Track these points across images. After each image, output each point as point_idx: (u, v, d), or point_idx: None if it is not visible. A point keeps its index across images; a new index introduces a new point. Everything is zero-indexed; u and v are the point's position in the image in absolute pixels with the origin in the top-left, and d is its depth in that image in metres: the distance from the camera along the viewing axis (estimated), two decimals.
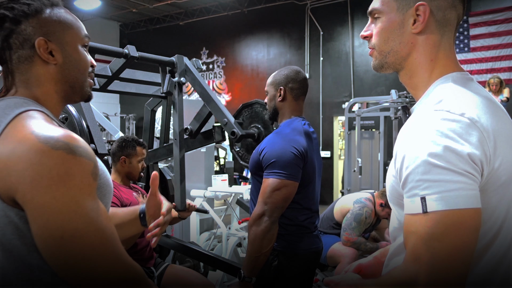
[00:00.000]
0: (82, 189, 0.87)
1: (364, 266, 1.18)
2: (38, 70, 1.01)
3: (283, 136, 1.97)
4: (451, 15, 0.98)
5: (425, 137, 0.86)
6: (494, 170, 0.86)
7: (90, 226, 0.87)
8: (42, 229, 0.85)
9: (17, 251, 0.90)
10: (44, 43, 0.99)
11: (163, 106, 3.14)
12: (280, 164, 1.89)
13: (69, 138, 0.88)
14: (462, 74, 0.99)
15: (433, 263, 0.82)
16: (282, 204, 1.89)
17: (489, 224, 0.89)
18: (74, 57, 1.05)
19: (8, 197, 0.87)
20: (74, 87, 1.06)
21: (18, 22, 0.98)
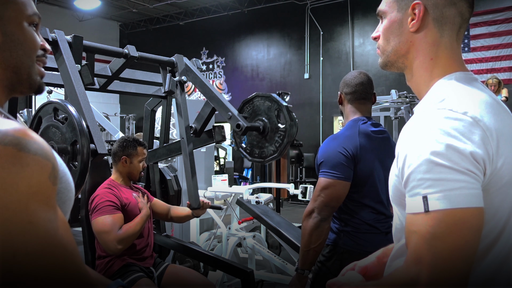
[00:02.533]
0: (37, 195, 0.71)
1: (368, 268, 1.17)
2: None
3: (335, 138, 2.06)
4: (450, 13, 0.97)
5: (428, 136, 0.85)
6: (497, 170, 0.86)
7: (48, 242, 0.71)
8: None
9: None
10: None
11: (163, 106, 3.14)
12: (328, 164, 1.96)
13: (21, 132, 0.71)
14: (466, 73, 0.98)
15: (435, 262, 0.81)
16: (331, 203, 1.95)
17: (491, 224, 0.88)
18: (17, 36, 0.87)
19: None
20: (19, 73, 0.88)
21: None
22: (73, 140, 1.88)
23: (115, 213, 2.44)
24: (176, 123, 5.58)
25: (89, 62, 2.39)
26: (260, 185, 5.82)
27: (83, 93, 2.13)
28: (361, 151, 2.00)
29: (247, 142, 2.67)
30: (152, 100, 3.19)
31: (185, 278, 2.71)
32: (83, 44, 2.34)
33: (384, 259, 1.16)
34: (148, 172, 3.08)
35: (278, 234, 3.83)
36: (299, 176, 10.13)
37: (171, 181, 3.14)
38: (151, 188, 3.09)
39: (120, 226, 2.42)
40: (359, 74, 2.15)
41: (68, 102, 1.98)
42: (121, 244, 2.38)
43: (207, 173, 5.24)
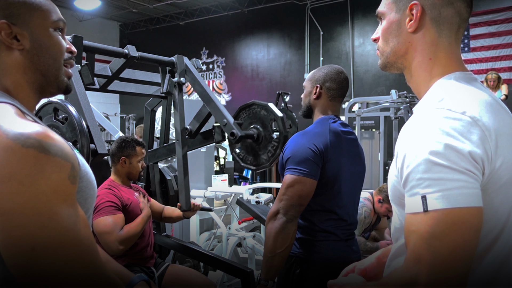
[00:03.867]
0: (57, 193, 0.77)
1: (368, 269, 1.17)
2: (3, 58, 0.91)
3: (305, 134, 1.91)
4: (447, 13, 0.97)
5: (426, 136, 0.85)
6: (496, 170, 0.86)
7: (65, 236, 0.77)
8: (10, 239, 0.74)
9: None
10: (7, 26, 0.89)
11: (163, 106, 3.13)
12: (296, 160, 1.81)
13: (43, 135, 0.78)
14: (465, 73, 0.98)
15: (434, 262, 0.81)
16: (297, 202, 1.79)
17: (491, 224, 0.88)
18: (44, 42, 0.93)
19: None
20: (47, 76, 0.95)
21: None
22: (73, 140, 1.88)
23: (116, 214, 2.44)
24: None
25: (89, 62, 2.39)
26: (260, 185, 5.82)
27: (83, 93, 2.13)
28: (330, 149, 1.85)
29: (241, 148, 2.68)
30: (152, 100, 3.19)
31: (186, 278, 2.72)
32: (83, 44, 2.33)
33: (383, 259, 1.16)
34: (148, 172, 3.08)
35: None
36: None
37: (171, 181, 3.14)
38: (151, 188, 3.09)
39: (122, 227, 2.42)
40: (341, 70, 2.02)
41: (68, 102, 1.98)
42: (123, 245, 2.39)
43: (207, 173, 5.24)
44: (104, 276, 0.82)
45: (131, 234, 2.42)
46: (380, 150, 6.44)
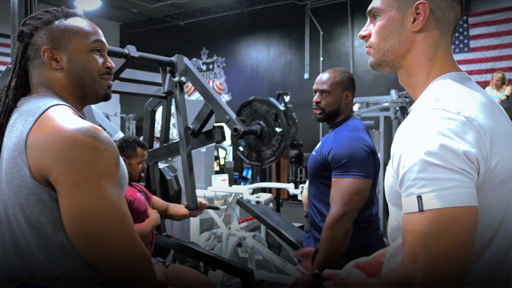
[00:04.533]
0: (108, 173, 0.99)
1: (361, 264, 1.18)
2: (48, 75, 1.13)
3: (349, 135, 1.95)
4: (450, 15, 0.99)
5: (421, 136, 0.86)
6: (491, 169, 0.86)
7: (113, 208, 0.99)
8: (73, 206, 0.96)
9: (43, 228, 1.00)
10: (49, 51, 1.12)
11: (163, 106, 3.14)
12: (355, 163, 1.87)
13: (96, 128, 1.01)
14: (460, 74, 0.99)
15: (429, 262, 0.82)
16: (360, 204, 1.88)
17: (487, 223, 0.88)
18: (80, 61, 1.14)
19: (41, 176, 0.98)
20: (85, 89, 1.16)
21: (31, 36, 1.13)
22: None
23: None
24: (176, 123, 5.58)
25: None
26: (260, 185, 5.82)
27: None
28: (372, 145, 1.98)
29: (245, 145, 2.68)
30: (152, 100, 3.19)
31: (186, 278, 2.72)
32: None
33: (380, 258, 1.16)
34: (148, 172, 3.08)
35: (278, 234, 3.84)
36: (299, 176, 10.13)
37: (171, 181, 3.15)
38: (151, 188, 3.09)
39: None
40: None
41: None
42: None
43: (207, 173, 5.24)
44: (139, 245, 1.02)
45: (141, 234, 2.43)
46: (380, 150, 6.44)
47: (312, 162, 2.04)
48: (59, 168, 0.96)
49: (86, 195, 0.96)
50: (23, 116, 1.06)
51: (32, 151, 0.99)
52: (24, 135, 1.01)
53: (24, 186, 1.00)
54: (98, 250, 0.98)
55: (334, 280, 1.03)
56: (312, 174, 2.04)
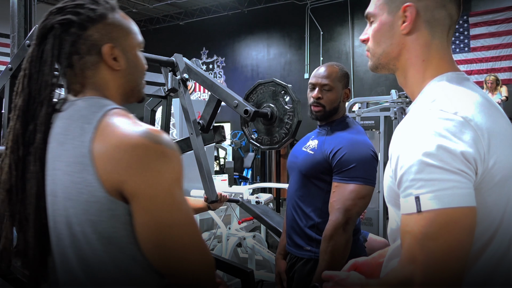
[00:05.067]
0: (179, 180, 0.94)
1: (359, 264, 1.18)
2: (104, 75, 1.03)
3: (356, 138, 1.84)
4: (440, 15, 0.98)
5: (419, 136, 0.86)
6: (489, 169, 0.86)
7: (188, 217, 0.95)
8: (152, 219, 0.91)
9: (116, 243, 0.94)
10: (110, 49, 1.01)
11: (163, 106, 3.14)
12: (363, 168, 1.76)
13: (159, 132, 0.94)
14: (458, 74, 0.99)
15: (428, 263, 0.82)
16: (361, 211, 1.78)
17: (485, 224, 0.88)
18: (135, 62, 1.07)
19: (114, 190, 0.91)
20: (134, 90, 1.10)
21: (84, 28, 0.99)
22: None
23: None
24: (176, 123, 5.58)
25: None
26: (260, 185, 5.82)
27: None
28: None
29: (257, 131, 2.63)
30: (152, 100, 3.19)
31: None
32: None
33: (379, 259, 1.16)
34: None
35: (278, 234, 3.83)
36: None
37: None
38: None
39: None
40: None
41: None
42: None
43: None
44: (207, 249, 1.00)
45: None
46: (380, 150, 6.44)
47: (308, 162, 1.89)
48: (134, 180, 0.89)
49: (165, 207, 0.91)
50: (76, 122, 0.96)
51: (101, 164, 0.91)
52: (86, 146, 0.92)
53: (95, 202, 0.91)
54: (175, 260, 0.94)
55: (334, 281, 1.04)
56: (306, 175, 1.89)
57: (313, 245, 1.86)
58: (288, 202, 2.00)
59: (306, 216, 1.89)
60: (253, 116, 2.44)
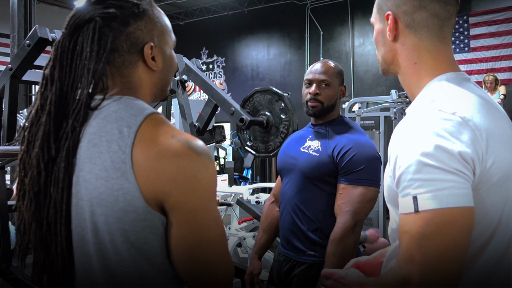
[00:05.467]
0: (215, 193, 0.93)
1: (361, 263, 1.18)
2: (140, 75, 0.97)
3: (362, 139, 1.81)
4: (421, 17, 0.98)
5: (417, 136, 0.86)
6: (487, 169, 0.86)
7: (222, 231, 0.93)
8: (191, 233, 0.88)
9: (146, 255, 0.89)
10: (151, 49, 0.96)
11: (162, 106, 3.14)
12: (371, 170, 1.74)
13: (197, 140, 0.91)
14: (457, 74, 0.99)
15: (425, 262, 0.82)
16: (368, 213, 1.75)
17: (483, 224, 0.88)
18: (170, 62, 1.03)
19: (155, 201, 0.87)
20: (164, 90, 1.06)
21: (127, 24, 0.93)
22: None
23: None
24: (176, 123, 5.58)
25: None
26: (260, 185, 5.82)
27: None
28: None
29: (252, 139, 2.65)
30: None
31: None
32: None
33: (380, 258, 1.16)
34: None
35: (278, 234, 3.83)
36: None
37: None
38: None
39: None
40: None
41: None
42: None
43: None
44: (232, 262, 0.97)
45: None
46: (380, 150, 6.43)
47: (313, 164, 1.82)
48: (177, 192, 0.86)
49: (205, 221, 0.89)
50: (113, 124, 0.90)
51: (142, 172, 0.86)
52: (126, 152, 0.86)
53: (132, 211, 0.86)
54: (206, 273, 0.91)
55: (333, 279, 1.04)
56: (310, 177, 1.83)
57: (316, 250, 1.82)
58: (285, 205, 1.93)
59: (309, 219, 1.84)
60: (249, 125, 2.46)
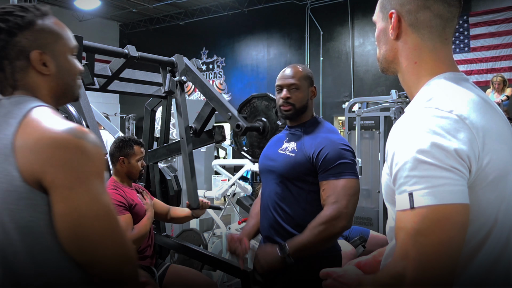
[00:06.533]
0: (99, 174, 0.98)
1: (362, 264, 1.19)
2: (33, 79, 1.07)
3: (334, 137, 1.90)
4: (425, 17, 0.99)
5: (414, 134, 0.87)
6: (483, 167, 0.87)
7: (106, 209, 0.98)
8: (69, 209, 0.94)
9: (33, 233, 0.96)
10: (38, 55, 1.05)
11: (163, 106, 3.14)
12: (351, 163, 1.84)
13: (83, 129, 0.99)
14: (455, 74, 1.00)
15: (420, 258, 0.83)
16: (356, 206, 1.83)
17: (480, 222, 0.89)
18: (65, 67, 1.11)
19: (33, 180, 0.94)
20: (67, 93, 1.14)
21: (13, 34, 1.04)
22: None
23: (125, 214, 2.43)
24: (176, 123, 5.58)
25: (89, 62, 2.39)
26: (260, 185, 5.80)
27: (83, 93, 2.14)
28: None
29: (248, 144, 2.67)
30: (152, 100, 3.20)
31: (187, 278, 2.72)
32: (83, 44, 2.34)
33: (379, 257, 1.17)
34: (148, 172, 3.08)
35: None
36: None
37: (171, 181, 3.15)
38: (151, 188, 3.09)
39: (132, 227, 2.43)
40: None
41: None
42: (135, 244, 2.40)
43: (207, 173, 5.24)
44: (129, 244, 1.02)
45: (142, 234, 2.45)
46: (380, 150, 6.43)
47: (290, 164, 1.90)
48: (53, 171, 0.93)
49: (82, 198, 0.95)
50: (2, 118, 1.01)
51: (22, 155, 0.95)
52: (9, 138, 0.97)
53: (13, 191, 0.96)
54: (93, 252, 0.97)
55: (332, 278, 1.05)
56: (288, 177, 1.90)
57: None
58: (265, 203, 2.00)
59: (290, 216, 1.91)
60: (245, 131, 2.47)
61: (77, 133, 0.97)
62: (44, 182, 0.94)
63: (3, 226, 0.98)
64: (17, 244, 0.97)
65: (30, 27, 1.05)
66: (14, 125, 0.98)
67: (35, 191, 0.95)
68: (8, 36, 1.04)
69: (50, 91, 1.10)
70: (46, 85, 1.09)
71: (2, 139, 0.98)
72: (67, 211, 0.94)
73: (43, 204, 0.95)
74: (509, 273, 0.93)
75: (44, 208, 0.96)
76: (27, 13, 1.06)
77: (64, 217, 0.94)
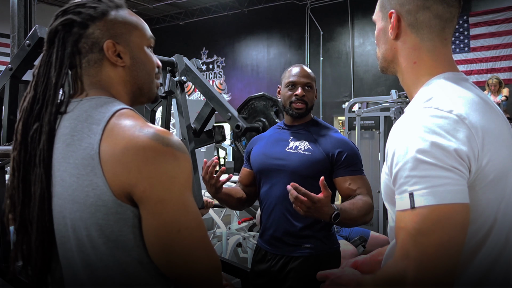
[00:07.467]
0: (188, 184, 0.93)
1: (359, 263, 1.19)
2: (108, 73, 1.02)
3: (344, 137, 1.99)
4: (424, 17, 0.99)
5: (413, 134, 0.87)
6: (482, 167, 0.87)
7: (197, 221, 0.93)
8: (161, 223, 0.89)
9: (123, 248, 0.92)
10: (112, 45, 1.00)
11: (162, 106, 3.13)
12: (360, 161, 1.94)
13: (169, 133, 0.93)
14: (455, 74, 1.00)
15: (420, 258, 0.83)
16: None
17: (479, 222, 0.89)
18: (141, 59, 1.05)
19: (123, 193, 0.89)
20: (142, 89, 1.07)
21: (85, 26, 1.00)
22: None
23: None
24: (176, 123, 5.58)
25: None
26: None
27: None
28: None
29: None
30: None
31: None
32: None
33: (378, 257, 1.17)
34: None
35: None
36: None
37: None
38: None
39: None
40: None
41: None
42: None
43: None
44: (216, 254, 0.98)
45: None
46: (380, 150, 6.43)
47: (308, 162, 1.89)
48: (144, 184, 0.88)
49: (174, 211, 0.90)
50: (83, 123, 0.94)
51: (109, 166, 0.89)
52: (94, 148, 0.90)
53: (102, 206, 0.90)
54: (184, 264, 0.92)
55: (330, 279, 1.05)
56: (304, 175, 1.88)
57: (311, 242, 1.90)
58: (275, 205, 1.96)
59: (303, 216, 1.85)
60: (244, 131, 2.47)
61: (165, 140, 0.90)
62: (134, 195, 0.89)
63: (92, 242, 0.92)
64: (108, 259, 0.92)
65: (103, 18, 1.01)
66: (99, 133, 0.92)
67: (125, 205, 0.90)
68: (81, 29, 0.99)
69: (125, 86, 1.04)
70: (121, 79, 1.03)
71: (87, 149, 0.91)
72: (158, 225, 0.90)
73: (132, 218, 0.91)
74: (508, 272, 0.94)
75: (134, 222, 0.91)
76: (100, 4, 1.03)
77: (155, 231, 0.90)
